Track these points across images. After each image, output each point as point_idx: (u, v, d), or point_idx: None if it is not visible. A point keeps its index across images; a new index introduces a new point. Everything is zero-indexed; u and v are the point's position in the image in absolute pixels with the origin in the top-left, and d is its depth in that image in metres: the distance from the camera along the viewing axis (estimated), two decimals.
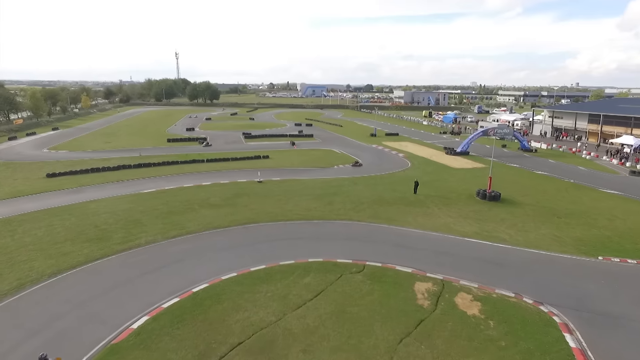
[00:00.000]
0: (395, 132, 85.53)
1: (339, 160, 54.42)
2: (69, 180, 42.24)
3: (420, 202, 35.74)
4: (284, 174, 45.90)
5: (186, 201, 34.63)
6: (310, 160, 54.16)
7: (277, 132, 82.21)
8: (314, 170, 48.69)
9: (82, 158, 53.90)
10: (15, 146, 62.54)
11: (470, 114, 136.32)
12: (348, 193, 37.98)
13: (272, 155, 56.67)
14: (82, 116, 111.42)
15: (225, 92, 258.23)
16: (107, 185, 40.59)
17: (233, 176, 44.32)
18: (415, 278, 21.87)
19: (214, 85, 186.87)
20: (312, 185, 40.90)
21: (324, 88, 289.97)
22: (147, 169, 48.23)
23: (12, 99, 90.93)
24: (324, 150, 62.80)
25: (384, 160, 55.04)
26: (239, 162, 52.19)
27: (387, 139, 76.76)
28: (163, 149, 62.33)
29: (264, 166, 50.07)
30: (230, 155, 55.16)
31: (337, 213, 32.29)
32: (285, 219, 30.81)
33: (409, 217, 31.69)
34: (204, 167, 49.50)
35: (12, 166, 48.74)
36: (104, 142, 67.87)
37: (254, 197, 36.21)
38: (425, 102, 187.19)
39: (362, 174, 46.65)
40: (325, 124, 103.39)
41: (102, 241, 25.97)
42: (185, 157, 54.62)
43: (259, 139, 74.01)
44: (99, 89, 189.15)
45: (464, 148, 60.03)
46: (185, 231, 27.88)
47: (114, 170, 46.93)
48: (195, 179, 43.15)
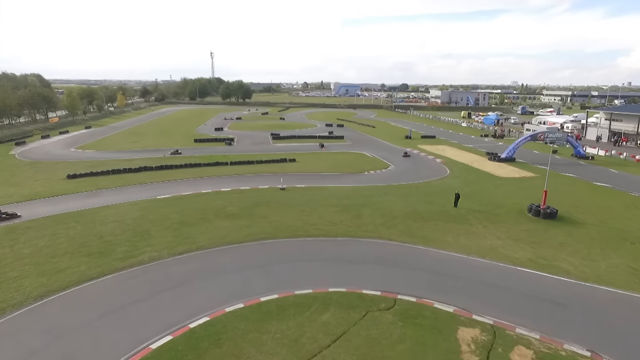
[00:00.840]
0: (432, 134, 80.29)
1: (370, 166, 50.42)
2: (88, 182, 40.78)
3: (462, 217, 31.27)
4: (309, 180, 42.52)
5: (201, 210, 31.93)
6: (339, 165, 50.50)
7: (306, 133, 79.09)
8: (343, 176, 45.00)
9: (107, 158, 52.87)
10: (46, 145, 62.81)
11: (513, 115, 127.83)
12: (378, 204, 34.06)
13: (299, 158, 53.48)
14: (116, 114, 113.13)
15: (259, 91, 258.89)
16: (124, 188, 38.71)
17: (255, 181, 41.41)
18: (459, 321, 17.79)
19: (246, 84, 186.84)
20: (339, 194, 37.25)
21: (358, 87, 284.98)
22: (168, 171, 46.30)
23: (50, 98, 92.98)
24: (354, 154, 58.94)
25: (419, 166, 50.50)
26: (263, 166, 49.34)
27: (423, 141, 71.78)
28: (189, 149, 60.59)
29: (289, 170, 46.91)
30: (255, 158, 52.46)
31: (365, 229, 28.49)
32: (306, 234, 27.36)
33: (448, 236, 27.41)
34: (226, 170, 46.98)
35: (37, 166, 48.19)
36: (132, 142, 67.18)
37: (275, 207, 33.03)
38: (463, 102, 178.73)
39: (395, 181, 42.48)
40: (357, 124, 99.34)
41: (103, 256, 23.51)
42: (209, 159, 52.44)
43: (287, 140, 71.13)
44: (137, 88, 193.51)
45: (509, 154, 54.37)
46: (195, 246, 25.01)
47: (135, 172, 45.26)
48: (215, 183, 40.57)
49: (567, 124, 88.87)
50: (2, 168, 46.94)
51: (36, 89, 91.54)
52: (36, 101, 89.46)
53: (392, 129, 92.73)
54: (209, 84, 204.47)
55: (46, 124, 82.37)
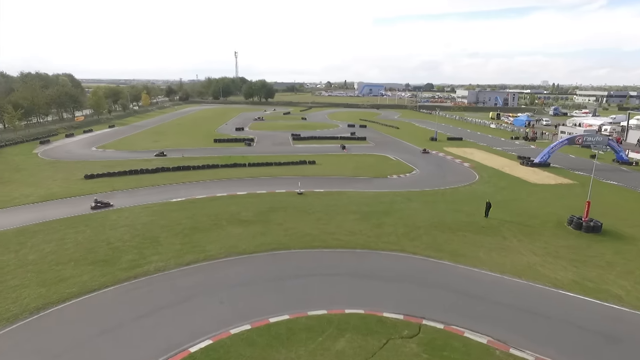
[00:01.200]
0: (459, 136, 76.90)
1: (392, 169, 48.04)
2: (104, 183, 40.20)
3: (494, 229, 28.66)
4: (328, 184, 40.61)
5: (214, 215, 30.52)
6: (361, 168, 48.35)
7: (327, 134, 77.19)
8: (364, 180, 42.86)
9: (126, 158, 52.51)
10: (69, 144, 63.33)
11: (545, 116, 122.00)
12: (401, 212, 31.80)
13: (319, 161, 51.64)
14: (140, 113, 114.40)
15: (282, 90, 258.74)
16: (138, 190, 37.86)
17: (272, 185, 39.82)
18: (494, 356, 15.50)
19: (269, 84, 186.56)
20: (359, 200, 35.17)
21: (382, 87, 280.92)
22: (185, 172, 45.35)
23: (77, 97, 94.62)
24: (376, 156, 56.63)
25: (445, 171, 47.75)
26: (282, 168, 47.75)
27: (450, 144, 68.66)
28: (208, 150, 59.78)
29: (308, 173, 45.12)
30: (273, 159, 50.95)
31: (386, 240, 26.35)
32: (323, 245, 25.47)
33: (479, 251, 24.94)
34: (243, 172, 45.63)
35: (57, 165, 48.21)
36: (153, 141, 67.00)
37: (291, 213, 31.28)
38: (491, 102, 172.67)
39: (420, 187, 40.04)
40: (380, 125, 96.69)
41: (108, 265, 22.32)
42: (227, 159, 51.33)
43: (307, 141, 69.43)
44: (162, 87, 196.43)
45: (543, 158, 50.85)
46: (203, 256, 23.53)
47: (151, 172, 44.53)
48: (231, 186, 39.21)
49: (605, 126, 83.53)
50: (24, 167, 47.15)
51: (64, 88, 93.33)
52: (63, 100, 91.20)
53: (416, 130, 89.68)
54: (233, 84, 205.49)
55: (72, 123, 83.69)
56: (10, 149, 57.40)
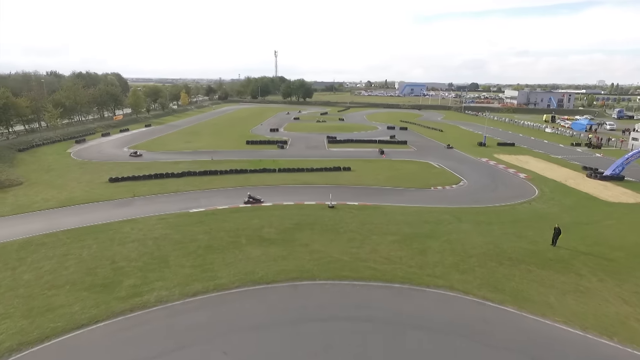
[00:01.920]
0: (511, 141, 69.93)
1: (437, 179, 43.02)
2: (127, 187, 38.24)
3: (565, 263, 23.40)
4: (364, 195, 36.42)
5: (234, 231, 27.27)
6: (401, 177, 43.70)
7: (365, 137, 72.73)
8: (404, 192, 38.28)
9: (155, 160, 50.87)
10: (103, 143, 63.04)
11: (608, 119, 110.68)
12: (449, 235, 27.10)
13: (355, 167, 47.52)
14: (179, 113, 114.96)
15: (321, 90, 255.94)
16: (160, 197, 35.49)
17: (301, 194, 36.19)
18: None
19: (307, 83, 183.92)
20: (399, 217, 30.74)
21: (424, 86, 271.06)
22: (211, 177, 42.78)
23: (117, 96, 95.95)
24: (418, 163, 51.64)
25: (498, 183, 42.10)
26: (314, 175, 44.05)
27: (501, 150, 62.19)
28: (238, 152, 57.26)
29: (342, 181, 41.14)
30: (306, 165, 47.40)
31: (431, 272, 21.90)
32: (353, 275, 21.44)
33: (549, 293, 19.95)
34: (272, 178, 42.37)
35: (86, 167, 47.21)
36: (185, 142, 65.55)
37: (319, 231, 27.46)
38: (543, 103, 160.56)
39: (469, 202, 34.96)
40: (422, 127, 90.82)
41: (105, 291, 19.49)
42: (257, 164, 48.42)
43: (343, 144, 65.36)
44: (202, 86, 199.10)
45: (616, 170, 43.85)
46: (213, 285, 20.19)
47: (177, 177, 42.33)
48: (257, 195, 35.97)
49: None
50: (54, 168, 46.46)
51: (106, 87, 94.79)
52: (104, 99, 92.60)
53: (462, 133, 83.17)
54: (271, 83, 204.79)
55: (109, 122, 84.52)
56: (47, 148, 57.62)
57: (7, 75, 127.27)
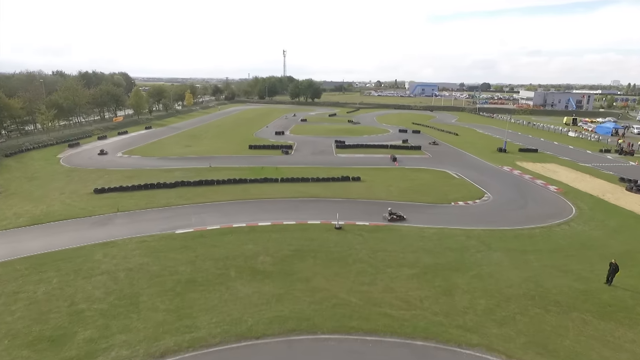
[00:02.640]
0: (533, 146, 64.90)
1: (457, 192, 38.49)
2: (113, 200, 34.48)
3: (629, 311, 18.86)
4: (376, 212, 32.09)
5: (223, 259, 23.20)
6: (416, 189, 39.26)
7: (375, 141, 68.25)
8: (421, 208, 33.86)
9: (147, 167, 47.05)
10: (98, 147, 59.34)
11: (633, 122, 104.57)
12: (479, 268, 22.69)
13: (365, 176, 43.22)
14: (182, 114, 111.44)
15: (330, 90, 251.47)
16: (145, 213, 31.59)
17: (305, 211, 32.02)
18: None
19: (316, 83, 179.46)
20: (417, 241, 26.37)
21: (435, 87, 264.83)
22: (207, 187, 38.85)
23: (119, 97, 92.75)
24: (435, 172, 47.09)
25: (527, 198, 37.39)
26: (320, 186, 39.83)
27: (523, 157, 57.30)
28: (240, 158, 53.30)
29: (351, 194, 36.87)
30: (311, 174, 43.25)
31: (461, 323, 17.54)
32: (364, 326, 17.20)
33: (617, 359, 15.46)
34: (274, 190, 38.25)
35: (73, 174, 43.54)
36: (184, 146, 61.80)
37: (323, 261, 23.25)
38: (561, 104, 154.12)
39: (497, 222, 30.41)
40: (436, 130, 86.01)
41: (51, 349, 15.54)
42: (258, 172, 44.42)
43: (352, 149, 60.96)
44: (209, 86, 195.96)
45: None
46: (188, 340, 16.10)
47: (169, 187, 38.47)
48: (255, 211, 31.95)
49: None
50: (38, 176, 42.91)
51: (107, 87, 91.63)
52: (105, 100, 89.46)
53: (479, 137, 78.24)
54: (279, 83, 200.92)
55: (109, 124, 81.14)
56: (36, 153, 54.21)
57: (12, 75, 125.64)
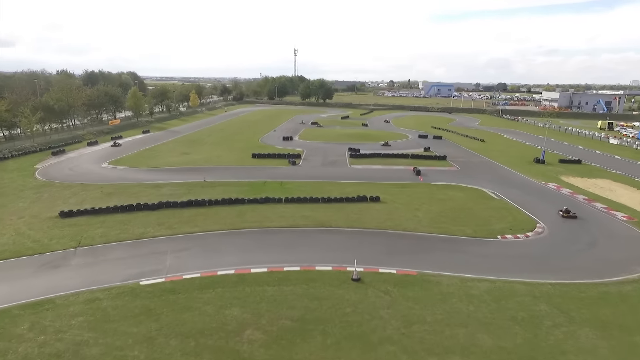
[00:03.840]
0: (574, 156, 56.98)
1: (502, 220, 31.14)
2: (77, 228, 28.20)
3: None
4: (403, 251, 25.09)
5: (195, 336, 16.44)
6: (450, 214, 32.05)
7: (394, 150, 60.99)
8: (460, 244, 26.69)
9: (132, 181, 40.64)
10: (82, 156, 53.14)
11: None
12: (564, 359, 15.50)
13: (386, 195, 36.28)
14: (186, 115, 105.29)
15: (342, 90, 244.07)
16: (111, 249, 25.12)
17: (313, 249, 25.18)
18: None
19: (328, 83, 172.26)
20: (465, 305, 19.25)
21: (451, 87, 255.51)
22: (196, 210, 32.34)
23: (117, 98, 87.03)
24: (468, 191, 39.72)
25: (593, 231, 29.72)
26: (332, 209, 32.92)
27: (567, 170, 49.51)
28: (240, 169, 46.69)
29: (370, 222, 29.91)
30: (321, 191, 36.54)
31: None
32: None
33: None
34: (276, 215, 31.46)
35: (43, 191, 37.31)
36: (181, 154, 55.45)
37: (336, 340, 16.34)
38: (588, 106, 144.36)
39: (564, 271, 23.06)
40: (459, 136, 78.33)
41: None
42: (259, 189, 37.92)
43: (368, 159, 53.79)
44: (219, 85, 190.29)
45: None
46: None
47: (151, 209, 32.07)
48: (248, 249, 25.21)
49: None
50: (3, 193, 36.78)
51: (105, 87, 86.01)
52: (102, 101, 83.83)
53: (508, 144, 70.37)
54: (290, 83, 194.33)
55: (104, 127, 75.24)
56: (13, 162, 48.21)
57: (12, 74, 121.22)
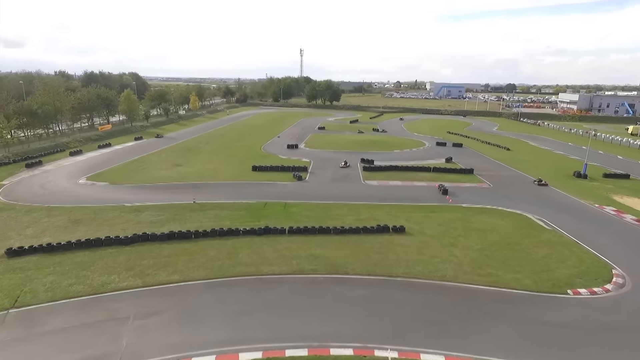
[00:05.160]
0: (619, 169, 49.98)
1: (563, 263, 24.35)
2: (20, 275, 21.97)
3: None
4: (443, 314, 18.40)
5: None
6: (494, 252, 25.33)
7: (411, 159, 54.35)
8: (520, 303, 20.01)
9: (109, 203, 34.28)
10: (60, 168, 46.83)
11: None
12: None
13: (411, 224, 29.81)
14: (185, 120, 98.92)
15: (349, 91, 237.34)
16: (53, 313, 18.78)
17: (323, 314, 18.67)
18: None
19: (335, 85, 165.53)
20: None
21: (462, 88, 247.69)
22: (178, 245, 26.01)
23: (110, 101, 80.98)
24: (509, 217, 32.92)
25: None
26: (346, 244, 26.37)
27: (617, 187, 42.60)
28: (237, 186, 40.34)
29: (396, 266, 23.35)
30: (332, 217, 30.27)
31: None
32: None
33: None
34: (276, 254, 24.98)
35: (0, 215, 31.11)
36: (173, 165, 49.17)
37: None
38: (610, 109, 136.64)
39: None
40: (480, 143, 71.39)
41: None
42: (259, 212, 31.78)
43: (385, 173, 47.13)
44: (224, 86, 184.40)
45: None
46: None
47: (123, 244, 25.82)
48: (236, 315, 18.76)
49: None
50: None
51: (97, 90, 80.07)
52: (94, 104, 77.85)
53: (538, 154, 63.37)
54: (296, 84, 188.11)
55: (93, 133, 69.03)
56: None
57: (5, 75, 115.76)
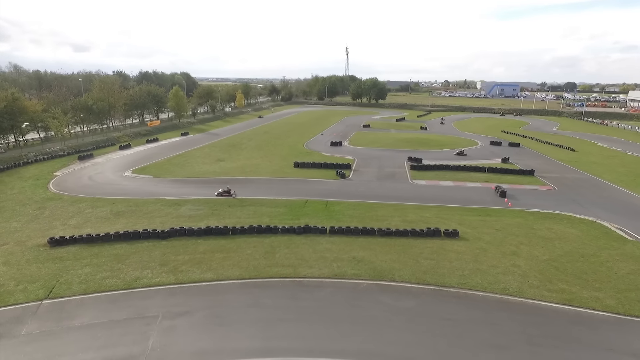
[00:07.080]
0: None
1: None
2: (58, 265, 21.81)
3: None
4: (509, 337, 15.62)
5: None
6: (565, 265, 21.96)
7: (464, 161, 50.57)
8: (602, 328, 16.91)
9: (151, 195, 34.18)
10: (109, 161, 48.02)
11: None
12: None
13: (465, 228, 26.94)
14: (231, 116, 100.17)
15: (395, 90, 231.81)
16: (83, 307, 18.11)
17: (369, 326, 16.50)
18: None
19: (381, 83, 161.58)
20: None
21: (517, 87, 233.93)
22: (214, 241, 24.99)
23: (160, 97, 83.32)
24: (580, 224, 28.96)
25: None
26: (392, 247, 24.04)
27: None
28: (279, 182, 39.07)
29: (449, 276, 20.75)
30: (377, 218, 28.02)
31: None
32: None
33: None
34: (316, 255, 23.18)
35: (48, 205, 31.79)
36: (216, 160, 48.96)
37: None
38: None
39: None
40: (540, 143, 65.70)
41: None
42: (299, 210, 30.22)
43: (434, 172, 43.97)
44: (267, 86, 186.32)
45: None
46: None
47: (160, 238, 25.23)
48: (272, 319, 17.05)
49: None
50: (3, 207, 31.53)
51: (148, 87, 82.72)
52: (144, 101, 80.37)
53: (608, 155, 57.06)
54: (340, 82, 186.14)
55: (141, 129, 71.11)
56: (32, 168, 43.63)
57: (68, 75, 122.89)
